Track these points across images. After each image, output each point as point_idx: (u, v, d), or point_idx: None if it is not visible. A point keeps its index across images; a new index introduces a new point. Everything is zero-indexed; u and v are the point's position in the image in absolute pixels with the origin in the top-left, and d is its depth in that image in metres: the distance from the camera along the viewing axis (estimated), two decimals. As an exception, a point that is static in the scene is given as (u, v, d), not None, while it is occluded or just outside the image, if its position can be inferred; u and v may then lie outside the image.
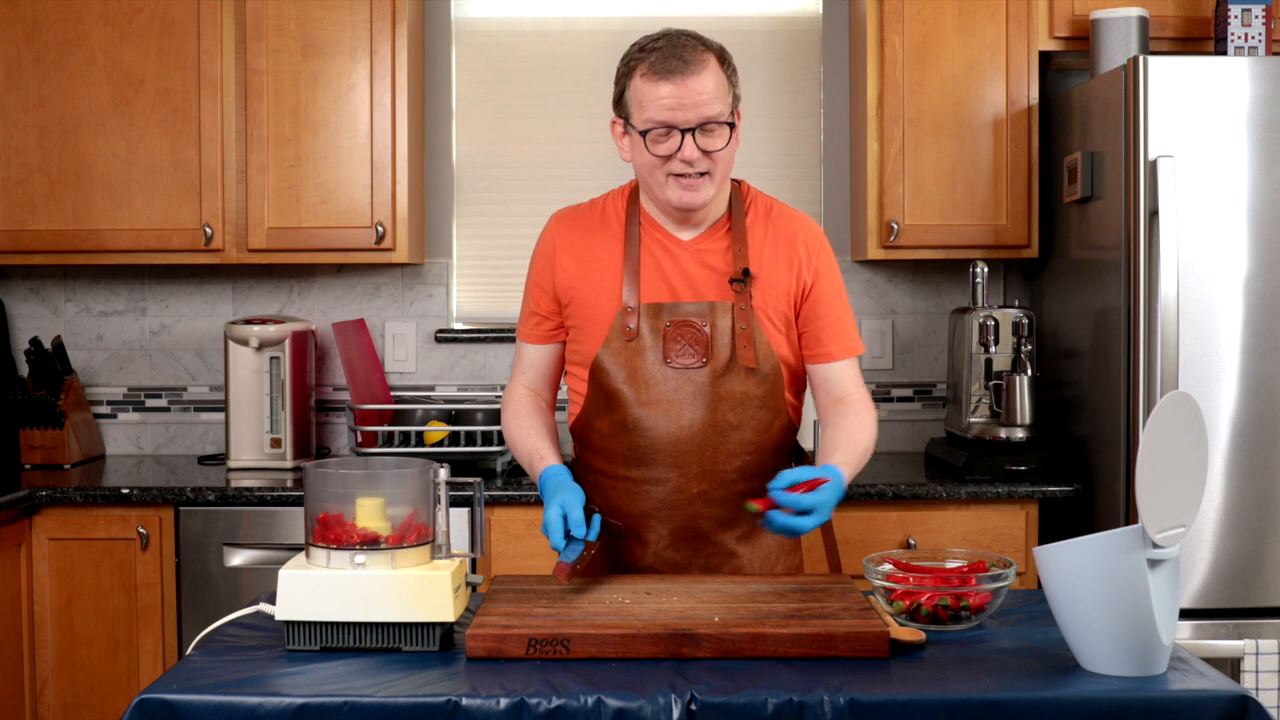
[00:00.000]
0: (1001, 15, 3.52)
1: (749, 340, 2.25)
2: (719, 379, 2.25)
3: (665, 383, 2.25)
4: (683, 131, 2.18)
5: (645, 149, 2.21)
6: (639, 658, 1.83)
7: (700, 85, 2.18)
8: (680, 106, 2.17)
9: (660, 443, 2.26)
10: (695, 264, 2.28)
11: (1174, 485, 1.75)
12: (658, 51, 2.20)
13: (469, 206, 3.92)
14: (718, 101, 2.19)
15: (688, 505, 2.27)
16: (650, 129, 2.19)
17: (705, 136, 2.19)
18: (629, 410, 2.26)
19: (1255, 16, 3.28)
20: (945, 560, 2.12)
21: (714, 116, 2.19)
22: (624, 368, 2.25)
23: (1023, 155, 3.53)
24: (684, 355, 2.25)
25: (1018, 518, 3.27)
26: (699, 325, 2.25)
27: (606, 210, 2.35)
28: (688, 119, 2.18)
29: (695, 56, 2.19)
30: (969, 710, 1.67)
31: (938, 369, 3.88)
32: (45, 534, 3.27)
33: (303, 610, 1.89)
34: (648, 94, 2.19)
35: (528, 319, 2.40)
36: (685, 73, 2.17)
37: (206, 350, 3.90)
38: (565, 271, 2.33)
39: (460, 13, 3.90)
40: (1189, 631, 3.01)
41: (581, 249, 2.32)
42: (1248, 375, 3.04)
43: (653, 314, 2.26)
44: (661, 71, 2.18)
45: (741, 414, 2.26)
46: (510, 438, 2.39)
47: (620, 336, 2.26)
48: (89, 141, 3.55)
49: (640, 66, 2.21)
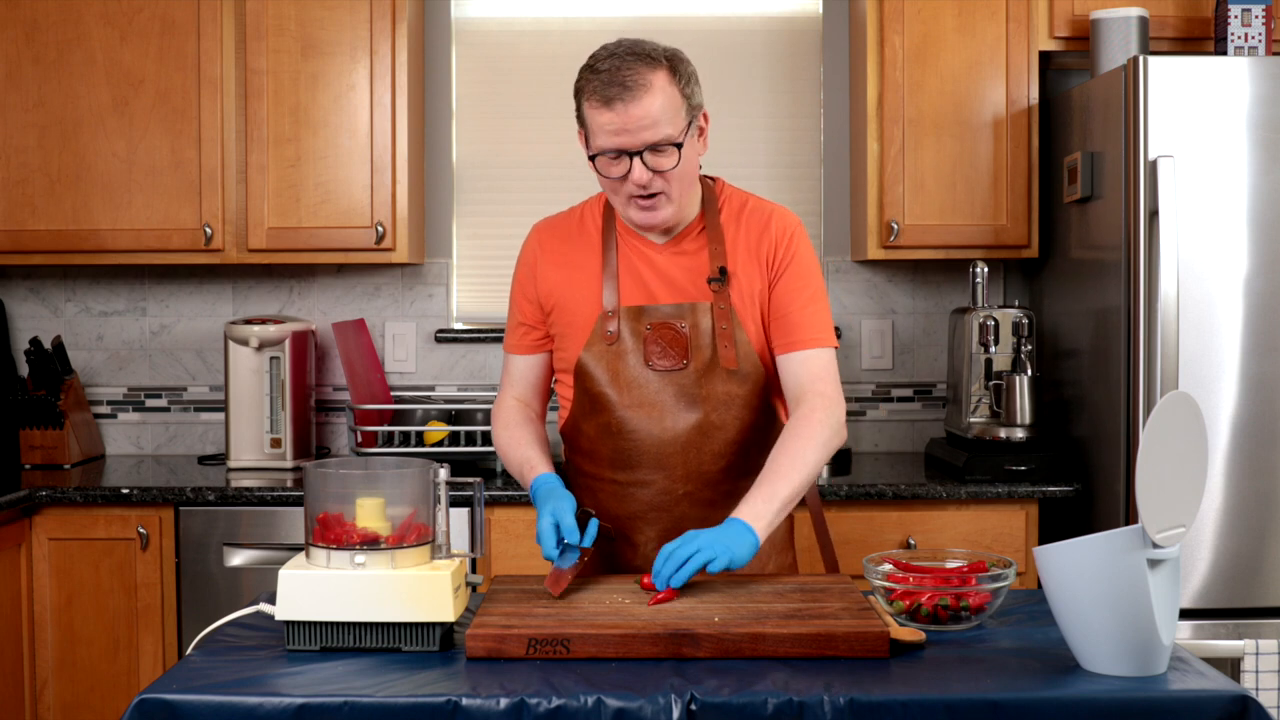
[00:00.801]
0: (1001, 15, 3.52)
1: (730, 340, 2.24)
2: (701, 380, 2.25)
3: (647, 385, 2.25)
4: (631, 155, 2.16)
5: (599, 172, 2.21)
6: (639, 658, 1.83)
7: (643, 110, 2.13)
8: (624, 131, 2.14)
9: (645, 445, 2.26)
10: (672, 266, 2.28)
11: (1174, 485, 1.75)
12: (601, 76, 2.15)
13: (469, 206, 3.92)
14: (665, 124, 2.15)
15: (674, 506, 2.27)
16: (598, 154, 2.18)
17: (655, 156, 2.16)
18: (614, 413, 2.27)
19: (1255, 16, 3.28)
20: (945, 560, 2.12)
21: (661, 140, 2.15)
22: (607, 371, 2.26)
23: (1023, 155, 3.53)
24: (664, 357, 2.25)
25: (1018, 518, 3.27)
26: (678, 327, 2.25)
27: (585, 218, 2.36)
28: (633, 143, 2.15)
29: (638, 79, 2.14)
30: (969, 710, 1.67)
31: (938, 369, 3.88)
32: (45, 534, 3.27)
33: (303, 610, 1.89)
34: (594, 120, 2.17)
35: (514, 330, 2.40)
36: (627, 99, 2.13)
37: (206, 350, 3.90)
38: (546, 280, 2.33)
39: (460, 13, 3.90)
40: (1189, 631, 3.01)
41: (561, 257, 2.33)
42: (1248, 375, 3.04)
43: (632, 317, 2.26)
44: (604, 98, 2.15)
45: (725, 414, 2.26)
46: (502, 449, 2.39)
47: (602, 340, 2.26)
48: (89, 141, 3.55)
49: (586, 89, 2.18)
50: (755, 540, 2.06)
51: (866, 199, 3.58)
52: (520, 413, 2.40)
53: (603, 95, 2.15)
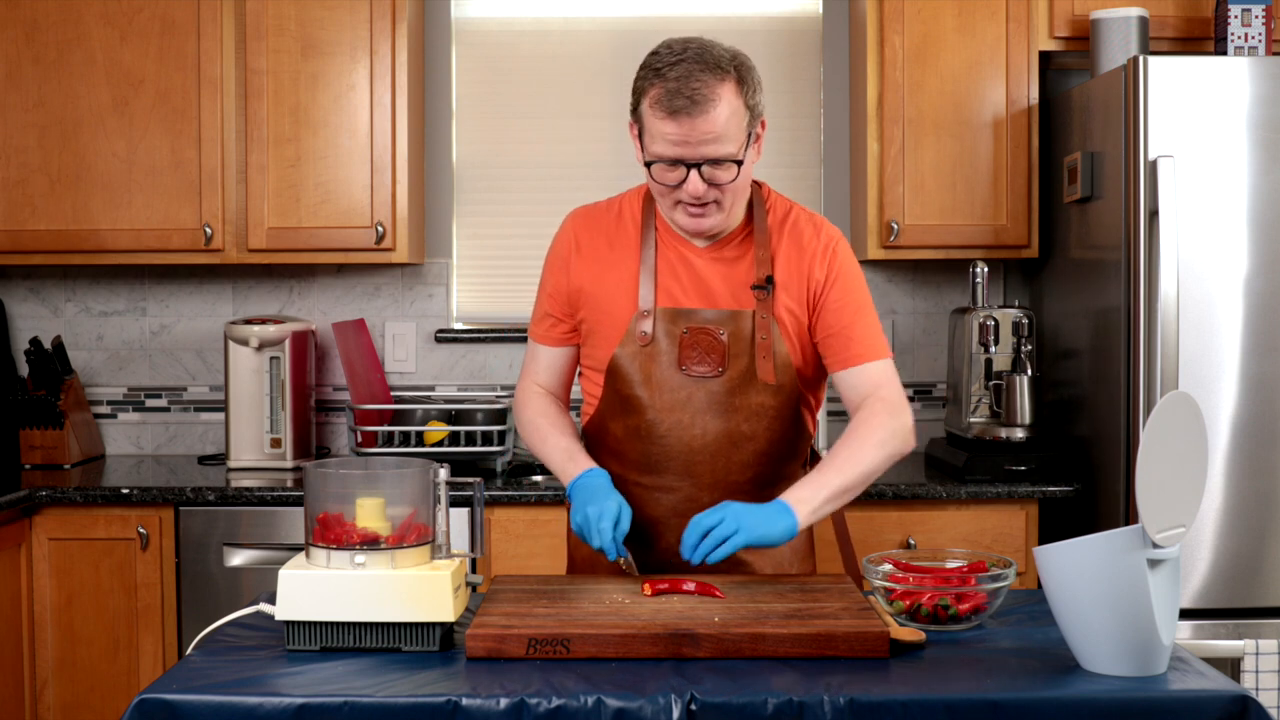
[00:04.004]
0: (1001, 15, 3.52)
1: (768, 352, 2.20)
2: (735, 390, 2.21)
3: (680, 390, 2.22)
4: (689, 166, 2.11)
5: (652, 176, 2.16)
6: (639, 658, 1.83)
7: (708, 125, 2.07)
8: (686, 144, 2.09)
9: (673, 451, 2.23)
10: (710, 271, 2.24)
11: (1174, 485, 1.75)
12: (670, 84, 2.08)
13: (469, 206, 3.92)
14: (728, 140, 2.09)
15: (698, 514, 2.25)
16: (655, 161, 2.13)
17: (714, 170, 2.11)
18: (644, 416, 2.23)
19: (1255, 16, 3.28)
20: (945, 560, 2.12)
21: (722, 156, 2.10)
22: (640, 371, 2.22)
23: (1023, 155, 3.53)
24: (700, 363, 2.21)
25: (1018, 518, 3.27)
26: (716, 333, 2.21)
27: (623, 213, 2.30)
28: (693, 156, 2.10)
29: (707, 93, 2.07)
30: (969, 710, 1.67)
31: (938, 369, 3.88)
32: (45, 534, 3.27)
33: (303, 610, 1.89)
34: (655, 127, 2.11)
35: (542, 320, 2.35)
36: (694, 113, 2.07)
37: (206, 350, 3.90)
38: (580, 274, 2.28)
39: (460, 13, 3.90)
40: (1189, 631, 3.01)
41: (598, 251, 2.28)
42: (1248, 375, 3.04)
43: (669, 319, 2.22)
44: (669, 108, 2.07)
45: (756, 425, 2.23)
46: (533, 433, 2.32)
47: (635, 341, 2.22)
48: (89, 141, 3.55)
49: (651, 92, 2.10)
50: (793, 522, 2.05)
51: (866, 199, 3.58)
52: (552, 402, 2.35)
53: (668, 106, 2.08)
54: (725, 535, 2.02)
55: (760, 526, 2.04)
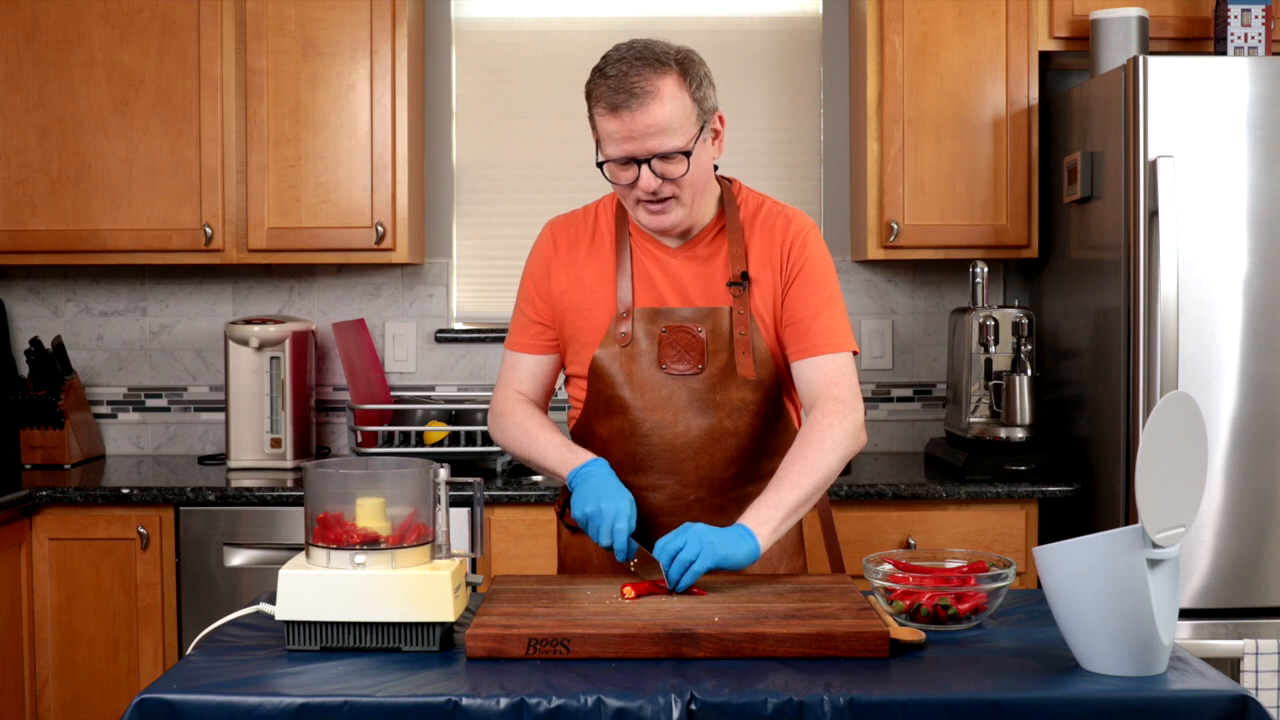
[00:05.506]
0: (1001, 15, 3.52)
1: (747, 347, 2.22)
2: (716, 386, 2.23)
3: (661, 389, 2.23)
4: (639, 162, 2.13)
5: (608, 177, 2.19)
6: (639, 658, 1.83)
7: (649, 118, 2.10)
8: (631, 139, 2.12)
9: (658, 449, 2.24)
10: (687, 269, 2.26)
11: (1174, 485, 1.75)
12: (609, 82, 2.12)
13: (469, 206, 3.92)
14: (673, 133, 2.11)
15: (685, 512, 2.25)
16: (607, 160, 2.16)
17: (664, 164, 2.13)
18: (628, 415, 2.25)
19: (1255, 16, 3.28)
20: (945, 560, 2.12)
21: (669, 149, 2.12)
22: (621, 372, 2.24)
23: (1023, 155, 3.53)
24: (679, 361, 2.23)
25: (1018, 518, 3.27)
26: (694, 331, 2.22)
27: (599, 218, 2.33)
28: (640, 151, 2.12)
29: (646, 86, 2.10)
30: (969, 710, 1.67)
31: (938, 369, 3.88)
32: (45, 534, 3.27)
33: (303, 610, 1.89)
34: (602, 126, 2.15)
35: (525, 328, 2.35)
36: (634, 107, 2.10)
37: (206, 350, 3.90)
38: (560, 279, 2.30)
39: (460, 13, 3.90)
40: (1189, 631, 3.01)
41: (576, 257, 2.31)
42: (1248, 375, 3.04)
43: (648, 319, 2.24)
44: (610, 105, 2.11)
45: (739, 420, 2.24)
46: (522, 434, 2.31)
47: (615, 342, 2.24)
48: (89, 141, 3.55)
49: (595, 92, 2.16)
50: (754, 545, 2.05)
51: (866, 199, 3.58)
52: (535, 407, 2.36)
53: (609, 102, 2.12)
54: (690, 559, 2.01)
55: (723, 549, 2.02)
